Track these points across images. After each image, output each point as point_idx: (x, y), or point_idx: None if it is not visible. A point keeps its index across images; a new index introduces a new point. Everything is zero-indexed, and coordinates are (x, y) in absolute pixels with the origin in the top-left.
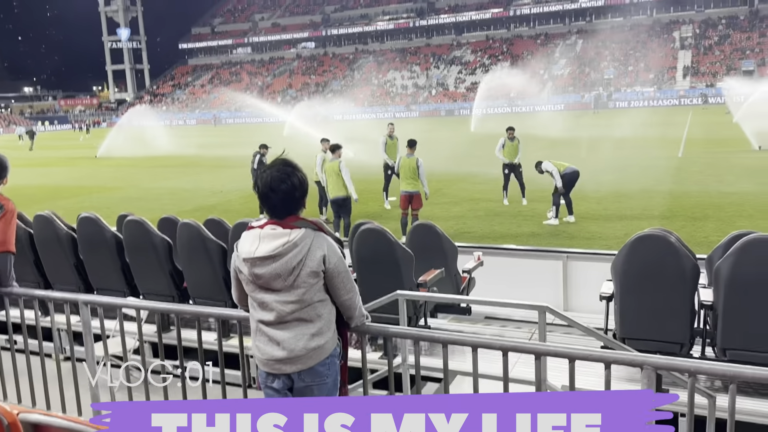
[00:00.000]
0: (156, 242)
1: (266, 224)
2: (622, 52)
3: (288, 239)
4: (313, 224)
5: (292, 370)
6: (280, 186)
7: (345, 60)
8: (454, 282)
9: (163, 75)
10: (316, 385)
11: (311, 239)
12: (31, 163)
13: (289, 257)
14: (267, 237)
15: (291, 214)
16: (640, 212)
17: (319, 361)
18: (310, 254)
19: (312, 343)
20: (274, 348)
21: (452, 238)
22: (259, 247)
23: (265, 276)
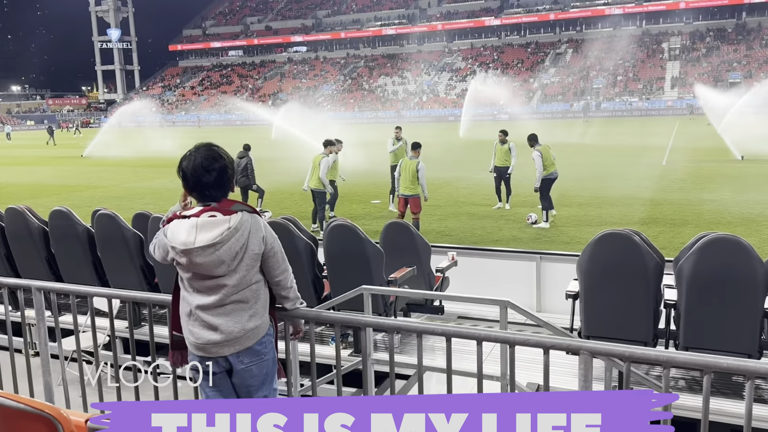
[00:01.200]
0: (127, 236)
1: (202, 211)
2: (611, 62)
3: (229, 225)
4: (248, 207)
5: (230, 351)
6: (212, 165)
7: (336, 64)
8: (427, 281)
9: (153, 76)
10: (255, 365)
11: (249, 222)
12: (14, 162)
13: (231, 243)
14: (205, 225)
15: (224, 195)
16: (620, 218)
17: (257, 340)
18: (251, 237)
19: (250, 323)
20: (211, 332)
21: (432, 240)
22: (197, 237)
23: (206, 264)
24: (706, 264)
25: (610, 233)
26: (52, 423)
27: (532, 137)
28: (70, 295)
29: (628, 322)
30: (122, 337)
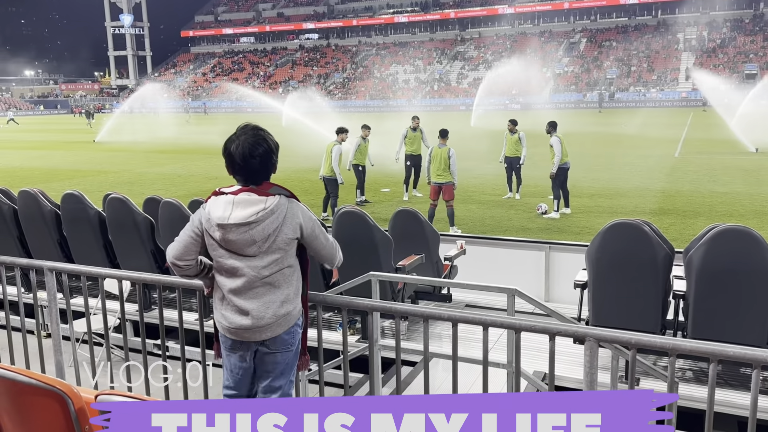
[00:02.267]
0: (138, 220)
1: (240, 191)
2: (625, 53)
3: (264, 206)
4: (286, 191)
5: (259, 338)
6: (257, 150)
7: (348, 52)
8: (435, 269)
9: (165, 62)
10: (280, 353)
11: (286, 206)
12: (27, 146)
13: (265, 224)
14: (241, 203)
15: (267, 179)
16: (631, 209)
17: (286, 329)
18: (286, 222)
19: (281, 310)
20: (243, 317)
21: (441, 229)
22: (232, 213)
23: (238, 242)
24: (716, 255)
25: (619, 223)
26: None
27: (552, 124)
28: (82, 276)
29: (637, 312)
30: (132, 320)
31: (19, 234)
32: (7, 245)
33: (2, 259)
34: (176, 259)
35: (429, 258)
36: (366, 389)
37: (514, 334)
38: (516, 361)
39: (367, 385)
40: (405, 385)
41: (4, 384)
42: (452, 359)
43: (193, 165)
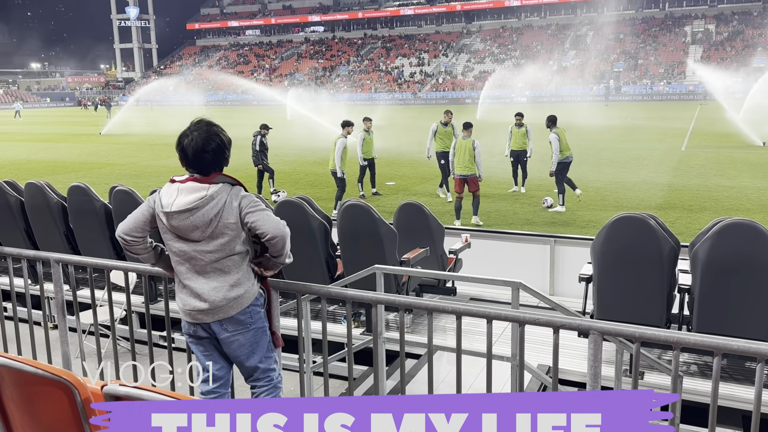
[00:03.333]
0: None
1: (187, 179)
2: (632, 45)
3: (206, 193)
4: (230, 179)
5: (212, 319)
6: (209, 145)
7: (353, 45)
8: (440, 262)
9: (170, 55)
10: (240, 333)
11: (228, 192)
12: (33, 138)
13: (205, 210)
14: (185, 191)
15: (217, 171)
16: (637, 203)
17: (240, 310)
18: (227, 206)
19: (231, 293)
20: (196, 300)
21: (446, 222)
22: (176, 200)
23: (181, 227)
24: (722, 249)
25: (625, 216)
26: (69, 388)
27: (552, 119)
28: (88, 267)
29: (641, 306)
30: (138, 311)
31: (26, 226)
32: (14, 237)
33: (9, 250)
34: (124, 234)
35: (434, 251)
36: (370, 382)
37: (519, 327)
38: (520, 354)
39: (371, 378)
40: (409, 378)
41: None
42: (456, 352)
43: None
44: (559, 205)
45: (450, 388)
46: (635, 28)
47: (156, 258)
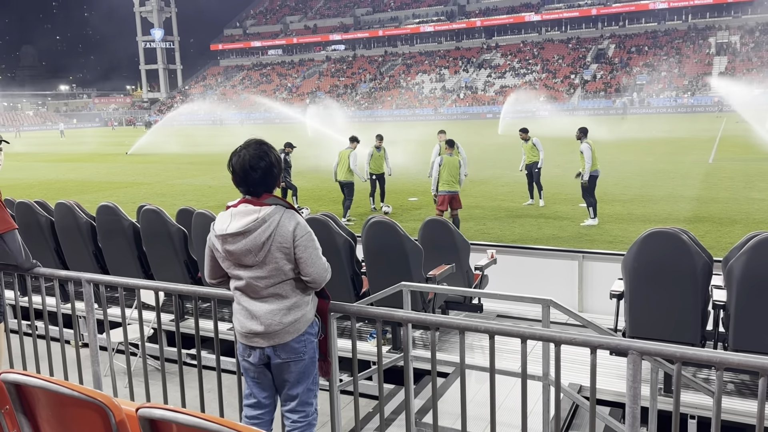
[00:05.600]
0: (172, 231)
1: (240, 202)
2: (655, 58)
3: (257, 216)
4: (283, 202)
5: (267, 344)
6: (259, 164)
7: (374, 62)
8: (465, 278)
9: (195, 75)
10: (292, 362)
11: (280, 215)
12: (62, 159)
13: (257, 233)
14: (238, 214)
15: (268, 192)
16: (665, 216)
17: (295, 337)
18: (279, 229)
19: (287, 318)
20: (253, 322)
21: (471, 238)
22: (230, 224)
23: (236, 252)
24: (759, 264)
25: (657, 231)
26: (104, 410)
27: (583, 130)
28: (119, 287)
29: (676, 323)
30: (167, 330)
31: (56, 245)
32: (45, 257)
33: (42, 271)
34: (211, 279)
35: (459, 267)
36: (398, 400)
37: (554, 347)
38: (556, 374)
39: (398, 396)
40: (438, 397)
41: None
42: (490, 371)
43: (224, 175)
44: (590, 218)
45: (480, 407)
46: (658, 41)
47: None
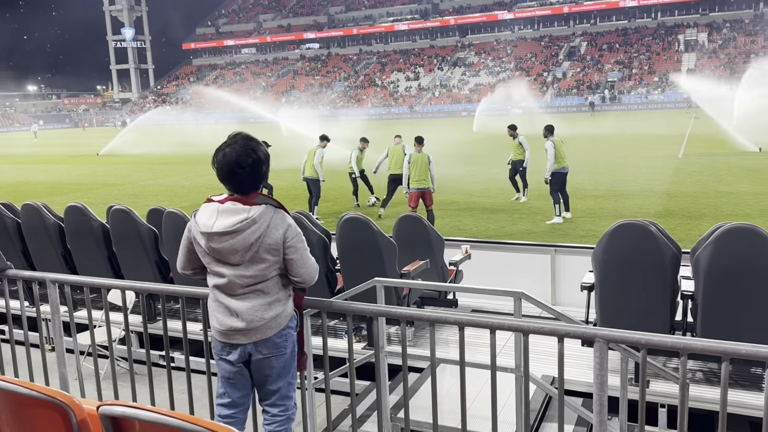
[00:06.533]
0: (142, 231)
1: (227, 199)
2: (626, 55)
3: (247, 216)
4: (273, 201)
5: (249, 340)
6: (246, 160)
7: (349, 61)
8: (440, 274)
9: (167, 75)
10: (274, 357)
11: (270, 216)
12: (31, 160)
13: (246, 234)
14: (225, 212)
15: (256, 190)
16: (636, 211)
17: (277, 332)
18: (269, 231)
19: (268, 313)
20: (233, 319)
21: (446, 234)
22: (216, 222)
23: (221, 250)
24: (724, 254)
25: (626, 224)
26: (65, 410)
27: (548, 128)
28: (85, 287)
29: (645, 313)
30: (137, 331)
31: (23, 247)
32: (11, 259)
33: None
34: (183, 270)
35: (434, 263)
36: (373, 397)
37: (522, 337)
38: (525, 364)
39: (374, 393)
40: (412, 392)
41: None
42: (460, 364)
43: (196, 175)
44: (556, 216)
45: (454, 401)
46: (628, 38)
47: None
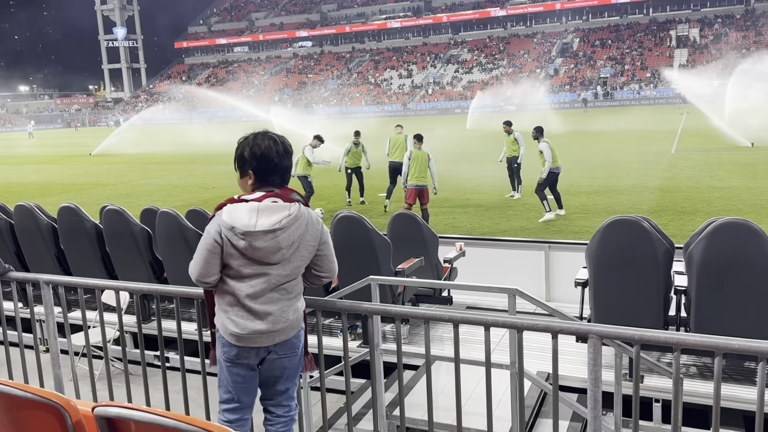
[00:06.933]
0: (135, 231)
1: (265, 197)
2: (618, 51)
3: (289, 212)
4: (303, 198)
5: (272, 342)
6: (284, 151)
7: (341, 59)
8: (435, 271)
9: (159, 74)
10: (288, 357)
11: (307, 213)
12: (24, 161)
13: (291, 230)
14: (267, 210)
15: (286, 185)
16: (629, 207)
17: (296, 332)
18: (309, 228)
19: (292, 314)
20: (258, 322)
21: (440, 231)
22: (259, 221)
23: (264, 249)
24: (717, 249)
25: (619, 219)
26: (60, 411)
27: (539, 129)
28: (78, 288)
29: (638, 309)
30: (132, 332)
31: (16, 249)
32: (5, 260)
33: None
34: (201, 278)
35: (428, 261)
36: (368, 395)
37: (516, 334)
38: (519, 361)
39: (370, 391)
40: (407, 390)
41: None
42: (455, 362)
43: (190, 175)
44: (547, 213)
45: (449, 398)
46: (620, 34)
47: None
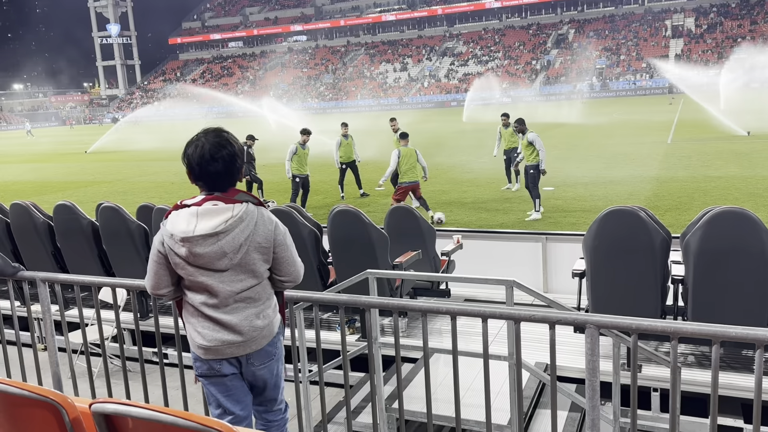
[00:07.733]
0: (132, 228)
1: (205, 200)
2: (614, 42)
3: (232, 214)
4: (253, 198)
5: (244, 352)
6: (220, 152)
7: (336, 53)
8: (432, 264)
9: (154, 70)
10: (265, 366)
11: (256, 213)
12: (20, 159)
13: (235, 233)
14: (207, 214)
15: (233, 186)
16: (626, 197)
17: (270, 340)
18: (258, 229)
19: (259, 322)
20: (224, 332)
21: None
22: (198, 225)
23: (206, 255)
24: (713, 237)
25: (616, 210)
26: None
27: (520, 121)
28: (75, 285)
29: (636, 298)
30: (129, 329)
31: (13, 247)
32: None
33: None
34: (154, 290)
35: (426, 254)
36: (367, 389)
37: (514, 325)
38: (517, 352)
39: (368, 385)
40: (406, 383)
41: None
42: (452, 354)
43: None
44: (535, 212)
45: (448, 390)
46: (616, 25)
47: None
